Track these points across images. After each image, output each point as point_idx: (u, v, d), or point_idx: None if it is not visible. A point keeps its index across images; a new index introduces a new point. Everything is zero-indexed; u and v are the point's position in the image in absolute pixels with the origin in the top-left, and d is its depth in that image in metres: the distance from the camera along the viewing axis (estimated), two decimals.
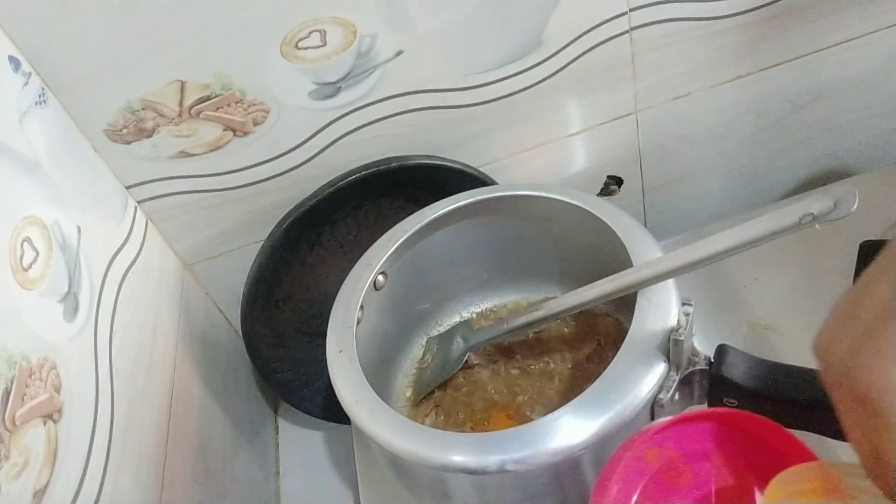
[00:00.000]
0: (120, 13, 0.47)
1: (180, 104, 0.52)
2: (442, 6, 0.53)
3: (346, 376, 0.45)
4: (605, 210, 0.49)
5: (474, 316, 0.61)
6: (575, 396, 0.39)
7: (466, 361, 0.55)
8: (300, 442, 0.69)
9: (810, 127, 0.71)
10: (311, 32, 0.51)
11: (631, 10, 0.57)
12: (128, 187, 0.55)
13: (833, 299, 0.27)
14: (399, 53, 0.54)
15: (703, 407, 0.44)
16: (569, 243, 0.54)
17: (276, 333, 0.61)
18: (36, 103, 0.46)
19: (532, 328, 0.52)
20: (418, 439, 0.41)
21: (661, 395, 0.40)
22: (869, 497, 0.26)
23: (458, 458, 0.39)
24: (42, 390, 0.37)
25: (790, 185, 0.76)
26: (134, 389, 0.46)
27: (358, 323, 0.48)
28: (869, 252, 0.58)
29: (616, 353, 0.41)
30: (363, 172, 0.57)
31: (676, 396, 0.41)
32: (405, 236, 0.52)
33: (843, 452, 0.50)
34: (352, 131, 0.58)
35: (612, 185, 0.70)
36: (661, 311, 0.42)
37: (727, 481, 0.34)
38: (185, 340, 0.57)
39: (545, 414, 0.39)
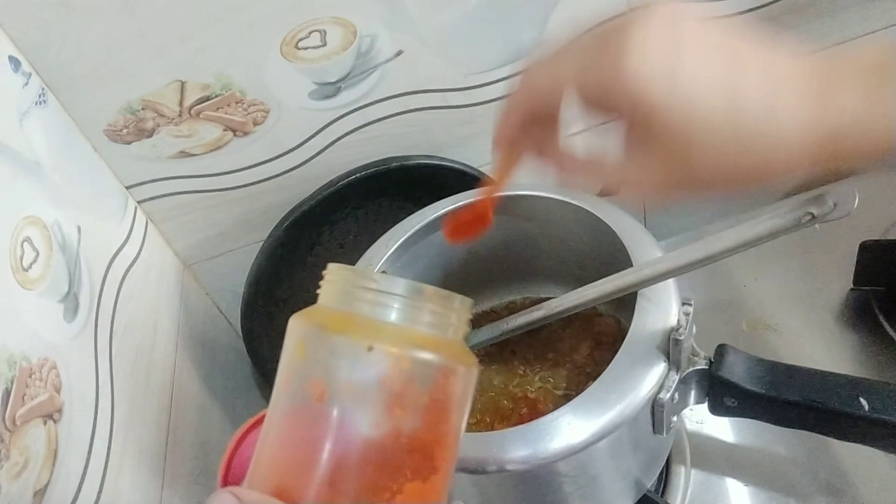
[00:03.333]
0: (120, 13, 0.47)
1: (180, 104, 0.52)
2: (442, 6, 0.53)
3: None
4: (605, 210, 0.49)
5: (474, 316, 0.61)
6: (575, 396, 0.39)
7: None
8: None
9: None
10: (311, 32, 0.51)
11: (631, 9, 0.57)
12: (128, 187, 0.55)
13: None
14: (399, 53, 0.54)
15: (704, 406, 0.44)
16: (569, 243, 0.54)
17: (276, 333, 0.61)
18: (36, 103, 0.46)
19: (532, 328, 0.52)
20: None
21: (661, 395, 0.40)
22: None
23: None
24: (42, 390, 0.37)
25: (790, 185, 0.76)
26: (134, 389, 0.46)
27: None
28: (869, 252, 0.59)
29: (616, 353, 0.41)
30: (363, 172, 0.57)
31: (676, 396, 0.41)
32: (405, 236, 0.52)
33: (842, 452, 0.51)
34: (352, 131, 0.58)
35: None
36: (661, 311, 0.42)
37: None
38: (185, 340, 0.57)
39: (545, 414, 0.39)
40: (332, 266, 0.27)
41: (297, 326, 0.27)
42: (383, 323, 0.25)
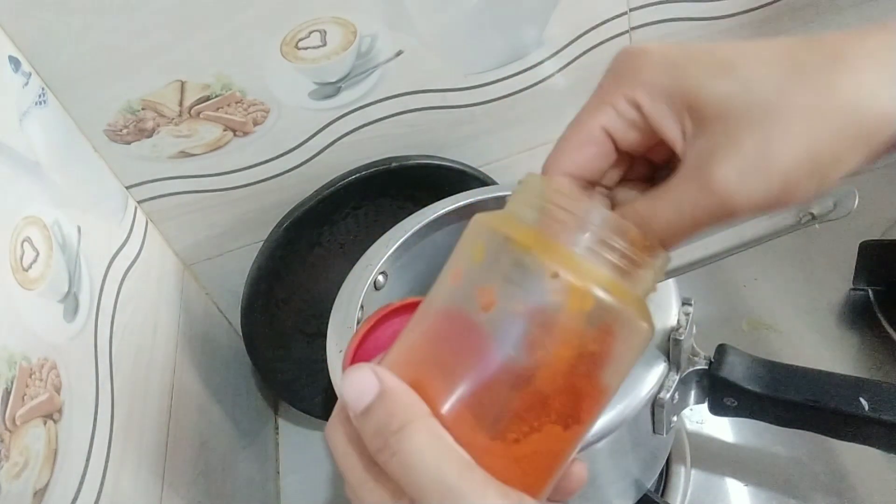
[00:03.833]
0: (120, 13, 0.47)
1: (180, 104, 0.52)
2: (442, 6, 0.53)
3: None
4: None
5: None
6: None
7: None
8: (300, 442, 0.69)
9: None
10: (311, 32, 0.51)
11: (631, 10, 0.57)
12: (128, 187, 0.55)
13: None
14: (399, 53, 0.54)
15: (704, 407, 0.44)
16: None
17: (276, 333, 0.61)
18: (36, 103, 0.46)
19: None
20: None
21: (661, 395, 0.40)
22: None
23: None
24: (42, 390, 0.37)
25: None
26: (134, 389, 0.46)
27: (358, 323, 0.48)
28: (869, 252, 0.59)
29: None
30: (363, 172, 0.57)
31: (676, 396, 0.41)
32: (405, 236, 0.52)
33: (842, 452, 0.51)
34: (352, 131, 0.58)
35: None
36: (661, 311, 0.42)
37: None
38: (185, 340, 0.57)
39: None
40: (531, 175, 0.25)
41: (482, 227, 0.25)
42: (577, 253, 0.23)
